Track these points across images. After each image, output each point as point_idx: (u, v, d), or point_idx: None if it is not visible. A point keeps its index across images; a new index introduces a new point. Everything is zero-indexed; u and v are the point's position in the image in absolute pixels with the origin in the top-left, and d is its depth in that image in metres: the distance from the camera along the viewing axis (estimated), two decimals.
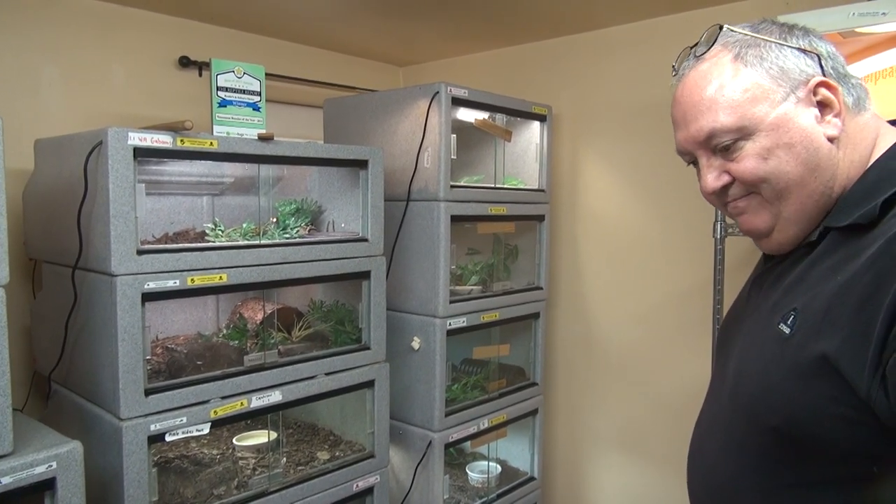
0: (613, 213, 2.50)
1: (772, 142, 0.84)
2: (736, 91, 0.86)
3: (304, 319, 2.00)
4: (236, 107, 1.69)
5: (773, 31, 0.88)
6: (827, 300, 0.76)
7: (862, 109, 0.87)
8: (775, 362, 0.81)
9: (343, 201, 2.03)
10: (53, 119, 2.02)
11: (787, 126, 0.84)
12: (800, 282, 0.84)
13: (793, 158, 0.84)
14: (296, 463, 1.91)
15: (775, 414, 0.81)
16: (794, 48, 0.85)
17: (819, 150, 0.84)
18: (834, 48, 0.89)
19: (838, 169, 0.85)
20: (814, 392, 0.76)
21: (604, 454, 2.60)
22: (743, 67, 0.86)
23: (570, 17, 2.35)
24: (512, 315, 2.33)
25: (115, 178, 1.42)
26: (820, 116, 0.85)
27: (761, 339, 0.86)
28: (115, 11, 2.14)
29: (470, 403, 2.22)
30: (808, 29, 0.89)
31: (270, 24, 2.42)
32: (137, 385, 1.47)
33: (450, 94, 2.00)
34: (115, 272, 1.43)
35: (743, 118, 0.85)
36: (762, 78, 0.85)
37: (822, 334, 0.75)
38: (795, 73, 0.85)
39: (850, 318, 0.72)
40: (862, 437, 0.73)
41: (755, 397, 0.84)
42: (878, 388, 0.69)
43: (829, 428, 0.75)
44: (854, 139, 0.85)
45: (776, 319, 0.83)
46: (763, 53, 0.86)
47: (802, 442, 0.79)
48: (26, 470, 1.23)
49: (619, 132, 2.46)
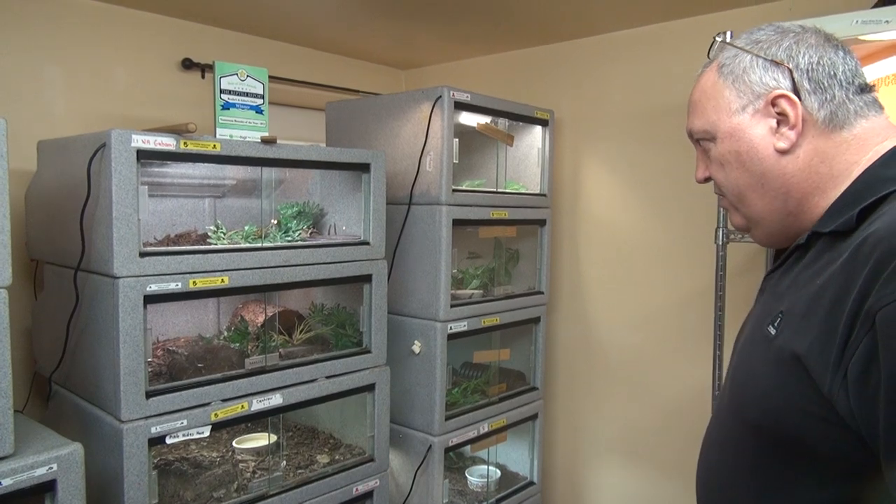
0: (615, 219, 2.51)
1: (725, 148, 0.93)
2: (708, 99, 0.95)
3: (305, 322, 2.00)
4: (239, 109, 1.69)
5: (759, 41, 0.92)
6: (807, 303, 0.80)
7: (842, 125, 0.88)
8: (760, 361, 0.86)
9: (345, 204, 2.03)
10: (56, 120, 2.02)
11: (739, 135, 0.92)
12: (790, 286, 0.88)
13: (741, 166, 0.92)
14: (296, 466, 1.90)
15: (756, 410, 0.85)
16: (767, 60, 0.90)
17: (764, 161, 0.90)
18: (838, 58, 0.89)
19: (794, 178, 0.89)
20: (789, 389, 0.80)
21: (604, 459, 2.59)
22: (718, 79, 0.94)
23: (573, 21, 2.35)
24: (513, 319, 2.33)
25: (118, 180, 1.42)
26: (776, 128, 0.89)
27: (753, 340, 0.91)
28: (119, 13, 2.14)
29: (470, 407, 2.22)
30: (803, 37, 0.90)
31: (273, 26, 2.42)
32: (138, 387, 1.47)
33: (452, 98, 2.00)
34: (118, 274, 1.43)
35: (706, 123, 0.95)
36: (728, 90, 0.93)
37: (799, 334, 0.79)
38: (758, 85, 0.90)
39: (821, 320, 0.77)
40: (833, 435, 0.76)
41: (741, 395, 0.90)
42: (840, 388, 0.73)
43: (803, 425, 0.79)
44: (828, 153, 0.88)
45: (766, 321, 0.87)
46: (735, 67, 0.92)
47: (783, 441, 0.82)
48: (27, 472, 1.23)
49: (621, 137, 2.47)
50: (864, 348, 0.71)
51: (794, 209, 0.91)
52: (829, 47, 0.89)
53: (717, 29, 1.97)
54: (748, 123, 0.91)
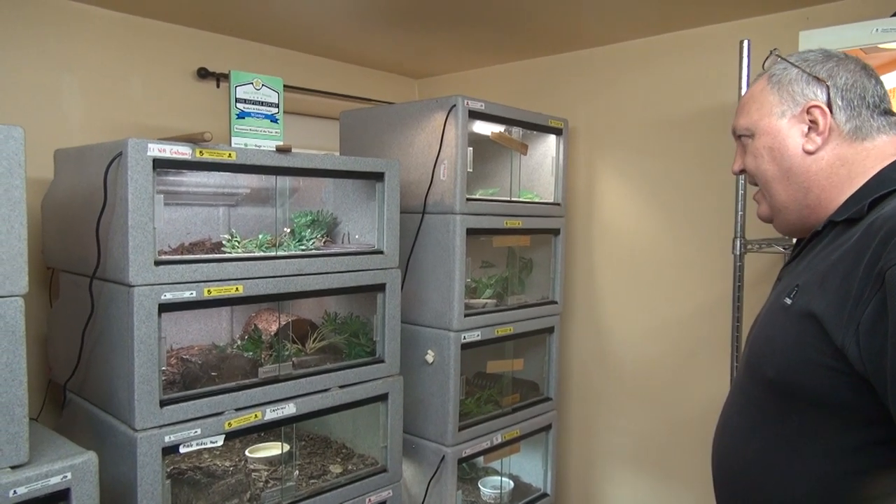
0: (630, 228, 2.49)
1: (761, 144, 1.09)
2: (754, 102, 1.11)
3: (318, 331, 2.00)
4: (254, 118, 1.69)
5: (808, 59, 1.07)
6: (822, 273, 0.94)
7: (864, 137, 1.02)
8: (776, 326, 1.00)
9: (358, 213, 2.03)
10: (73, 129, 2.03)
11: (775, 134, 1.07)
12: (806, 267, 1.01)
13: (771, 160, 1.08)
14: (308, 476, 1.89)
15: (772, 366, 0.98)
16: (810, 76, 1.05)
17: (792, 158, 1.05)
18: (870, 84, 1.04)
19: (816, 177, 1.04)
20: (803, 343, 0.93)
21: (618, 471, 2.56)
22: (767, 87, 1.10)
23: (588, 30, 2.35)
24: (526, 329, 2.31)
25: (135, 188, 1.43)
26: (806, 132, 1.04)
27: (771, 312, 1.04)
28: (135, 23, 2.16)
29: (483, 418, 2.20)
30: (844, 63, 1.05)
31: (288, 36, 2.43)
32: (152, 396, 1.47)
33: (467, 107, 2.00)
34: (133, 282, 1.44)
35: (749, 122, 1.11)
36: (772, 96, 1.08)
37: (815, 298, 0.92)
38: (799, 95, 1.05)
39: (837, 286, 0.90)
40: (843, 385, 0.89)
41: (758, 355, 1.03)
42: (852, 339, 0.86)
43: (814, 376, 0.92)
44: (848, 158, 1.02)
45: (783, 295, 1.01)
46: (783, 78, 1.08)
47: (800, 392, 0.95)
48: (41, 480, 1.23)
49: (636, 146, 2.45)
50: (875, 303, 0.84)
51: (812, 203, 1.05)
52: (865, 75, 1.04)
53: (733, 38, 1.96)
54: (784, 125, 1.06)
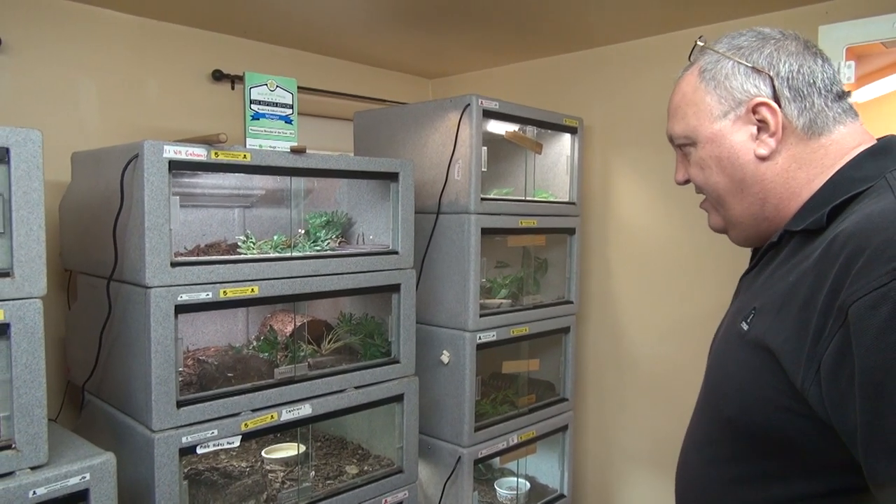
0: (645, 227, 2.47)
1: (706, 153, 0.95)
2: (689, 104, 0.97)
3: (333, 332, 2.00)
4: (269, 120, 1.70)
5: (741, 47, 0.93)
6: (780, 298, 0.82)
7: (821, 132, 0.89)
8: (732, 356, 0.88)
9: (373, 214, 2.03)
10: (90, 132, 2.05)
11: (720, 141, 0.93)
12: (763, 284, 0.90)
13: (720, 171, 0.94)
14: (324, 477, 1.89)
15: (729, 404, 0.87)
16: (748, 67, 0.91)
17: (745, 167, 0.92)
18: (817, 66, 0.90)
19: (772, 184, 0.91)
20: (762, 382, 0.82)
21: (635, 472, 2.54)
22: (699, 83, 0.96)
23: (602, 28, 2.33)
24: (542, 329, 2.30)
25: (151, 190, 1.43)
26: (756, 134, 0.91)
27: (727, 338, 0.93)
28: (151, 26, 2.17)
29: (499, 419, 2.19)
30: (783, 45, 0.92)
31: (302, 38, 2.44)
32: (169, 397, 1.48)
33: (481, 106, 1.99)
34: (150, 284, 1.44)
35: (687, 128, 0.97)
36: (709, 96, 0.94)
37: (771, 329, 0.81)
38: (739, 92, 0.91)
39: (793, 315, 0.78)
40: (806, 429, 0.78)
41: (715, 389, 0.92)
42: (812, 382, 0.75)
43: (775, 419, 0.81)
44: (804, 158, 0.90)
45: (740, 319, 0.89)
46: (717, 73, 0.94)
47: (756, 434, 0.84)
48: (60, 481, 1.24)
49: (652, 144, 2.43)
50: (837, 342, 0.72)
51: (770, 214, 0.93)
52: (809, 55, 0.91)
53: None
54: (729, 130, 0.93)
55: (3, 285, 1.18)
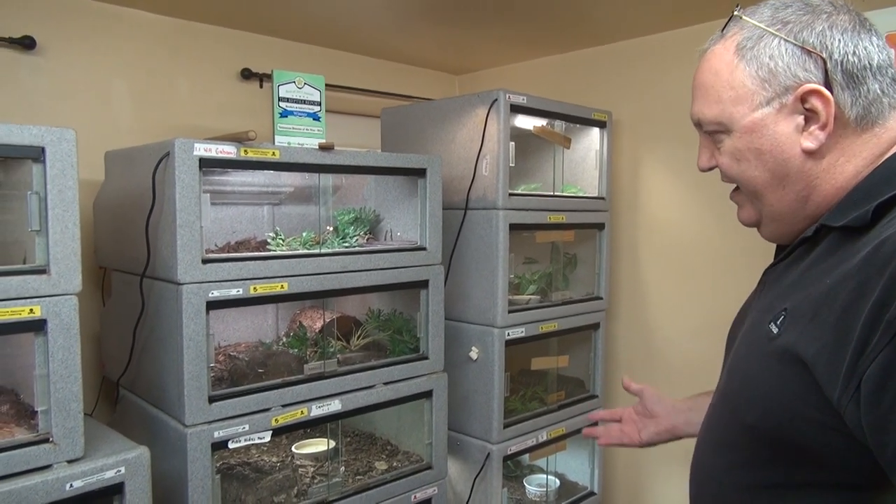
0: (676, 222, 2.43)
1: (744, 144, 0.84)
2: (724, 86, 0.85)
3: (362, 328, 2.01)
4: (297, 117, 1.70)
5: (788, 21, 0.81)
6: (815, 303, 0.74)
7: (874, 122, 0.79)
8: (758, 359, 0.81)
9: (400, 210, 2.03)
10: (122, 131, 2.08)
11: (761, 132, 0.82)
12: (796, 283, 0.82)
13: (760, 165, 0.83)
14: (354, 472, 1.90)
15: (752, 410, 0.80)
16: (797, 46, 0.79)
17: (788, 162, 0.82)
18: (872, 45, 0.79)
19: (818, 180, 0.82)
20: (789, 391, 0.75)
21: (666, 470, 2.51)
22: (738, 62, 0.83)
23: (630, 21, 2.30)
24: (571, 325, 2.28)
25: (182, 188, 1.45)
26: (804, 125, 0.80)
27: (752, 337, 0.85)
28: (181, 26, 2.20)
29: (529, 415, 2.18)
30: (837, 19, 0.80)
31: (329, 35, 2.45)
32: (202, 392, 1.49)
33: (508, 101, 1.98)
34: (181, 280, 1.46)
35: (722, 114, 0.85)
36: (749, 79, 0.82)
37: (805, 337, 0.74)
38: (786, 76, 0.80)
39: (831, 325, 0.71)
40: (835, 442, 0.72)
41: (737, 392, 0.85)
42: (850, 399, 0.68)
43: (802, 430, 0.75)
44: (854, 150, 0.80)
45: (768, 318, 0.81)
46: (760, 51, 0.82)
47: (779, 443, 0.78)
48: (96, 474, 1.26)
49: (682, 138, 2.39)
50: (883, 360, 0.65)
51: (812, 212, 0.84)
52: (864, 32, 0.80)
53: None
54: (773, 119, 0.81)
55: (39, 282, 1.20)
